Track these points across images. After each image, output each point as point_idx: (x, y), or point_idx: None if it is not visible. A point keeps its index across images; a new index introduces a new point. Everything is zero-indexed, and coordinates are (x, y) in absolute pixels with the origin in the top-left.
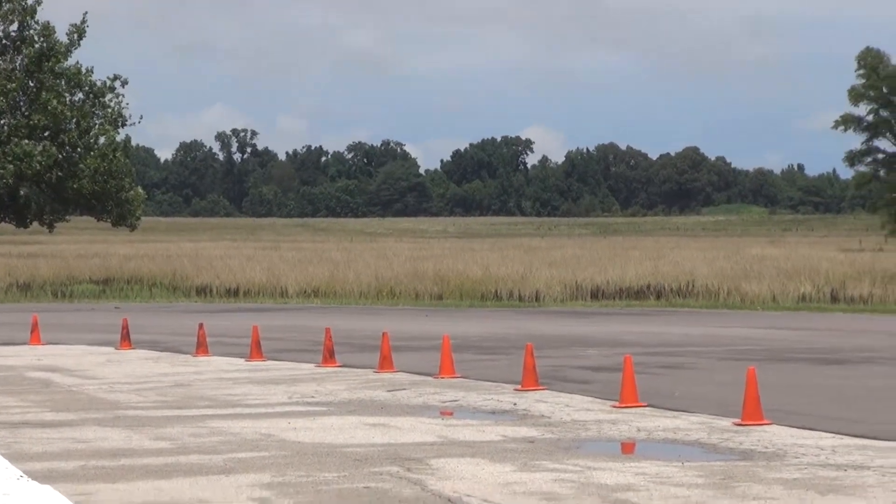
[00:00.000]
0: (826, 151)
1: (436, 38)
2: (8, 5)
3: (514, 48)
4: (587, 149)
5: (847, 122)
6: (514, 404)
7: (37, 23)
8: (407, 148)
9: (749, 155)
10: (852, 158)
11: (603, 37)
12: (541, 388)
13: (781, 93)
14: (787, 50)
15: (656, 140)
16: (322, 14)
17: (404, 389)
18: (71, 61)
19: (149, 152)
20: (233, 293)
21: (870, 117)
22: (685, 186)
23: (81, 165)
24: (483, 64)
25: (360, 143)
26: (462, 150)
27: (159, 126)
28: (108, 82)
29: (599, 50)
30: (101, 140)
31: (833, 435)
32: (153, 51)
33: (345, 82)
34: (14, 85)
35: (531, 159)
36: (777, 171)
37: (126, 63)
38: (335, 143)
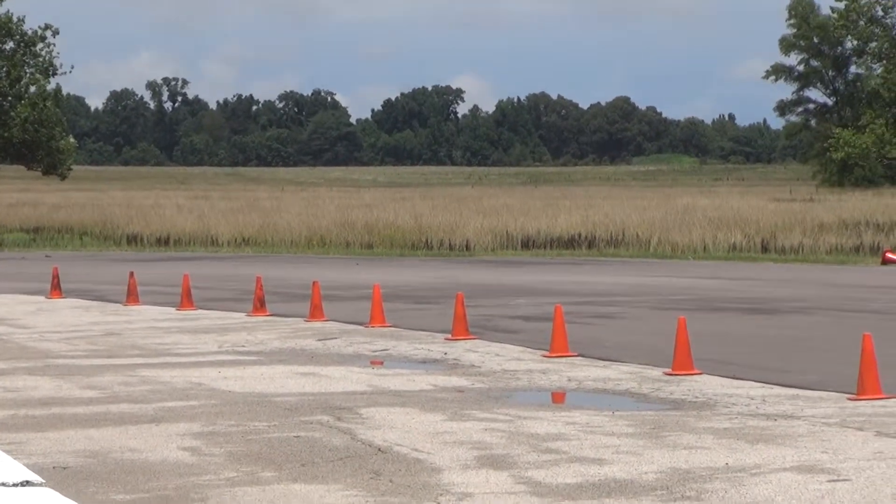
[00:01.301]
0: (757, 101)
1: None
2: None
3: None
4: (518, 98)
5: (778, 71)
6: (445, 354)
7: None
8: (338, 97)
9: (680, 105)
10: (783, 108)
11: None
12: (471, 337)
13: (712, 43)
14: None
15: (587, 90)
16: None
17: (335, 338)
18: (1, 10)
19: (79, 101)
20: (164, 242)
21: (800, 67)
22: (616, 136)
23: (12, 114)
24: (411, 10)
25: (291, 91)
26: (393, 99)
27: (89, 74)
28: (40, 31)
29: None
30: (32, 89)
31: (763, 385)
32: None
33: (271, 29)
34: None
35: (462, 108)
36: (708, 120)
37: (52, 10)
38: (265, 91)
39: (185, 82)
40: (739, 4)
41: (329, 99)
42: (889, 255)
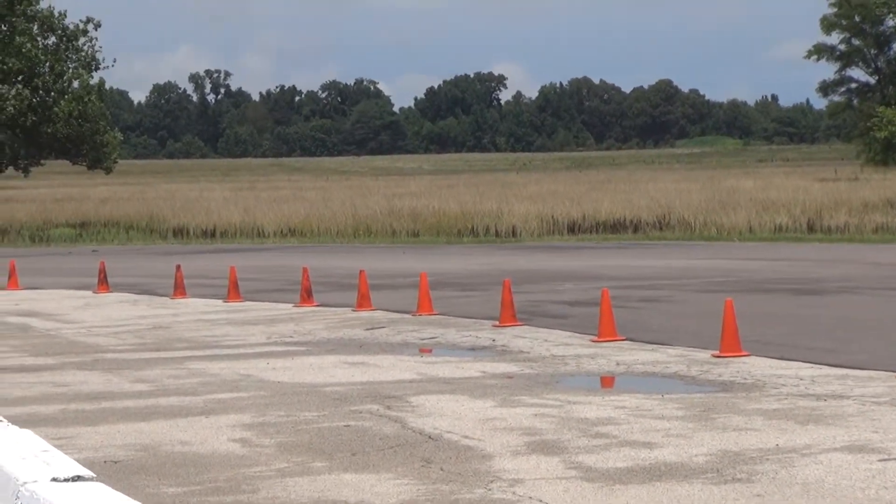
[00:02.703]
0: (799, 81)
1: None
2: None
3: None
4: (560, 83)
5: (820, 51)
6: (493, 340)
7: None
8: (380, 86)
9: (722, 87)
10: (826, 88)
11: None
12: (519, 323)
13: (753, 23)
14: None
15: (629, 73)
16: None
17: (383, 327)
18: (43, 4)
19: (122, 95)
20: (209, 234)
21: (842, 46)
22: (659, 119)
23: (56, 109)
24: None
25: (333, 81)
26: (435, 87)
27: (130, 68)
28: (82, 25)
29: None
30: (76, 84)
31: (812, 365)
32: None
33: (311, 19)
34: None
35: (504, 95)
36: (751, 102)
37: (91, 4)
38: (307, 82)
39: (227, 74)
40: None
41: (372, 88)
42: None
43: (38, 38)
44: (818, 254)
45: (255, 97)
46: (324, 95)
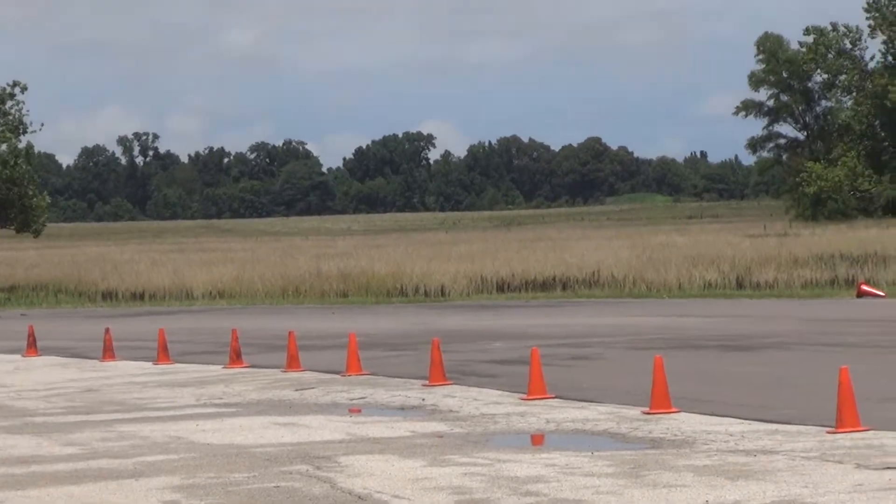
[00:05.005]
0: (728, 138)
1: (318, 34)
2: None
3: (400, 41)
4: (489, 142)
5: (748, 107)
6: (423, 400)
7: None
8: (309, 146)
9: (651, 144)
10: (754, 145)
11: (491, 27)
12: (449, 382)
13: (681, 80)
14: (683, 36)
15: (558, 131)
16: (200, 12)
17: (312, 388)
18: None
19: (50, 158)
20: (139, 297)
21: (770, 102)
22: (588, 177)
23: None
24: (372, 59)
25: (262, 142)
26: (364, 147)
27: (58, 130)
28: (8, 89)
29: (488, 41)
30: (3, 147)
31: (742, 421)
32: (39, 53)
33: (236, 82)
34: None
35: (433, 154)
36: (680, 159)
37: (16, 68)
38: (236, 143)
39: (155, 136)
40: (707, 42)
41: (300, 149)
42: (864, 287)
43: None
44: (748, 309)
45: (184, 159)
46: (252, 157)
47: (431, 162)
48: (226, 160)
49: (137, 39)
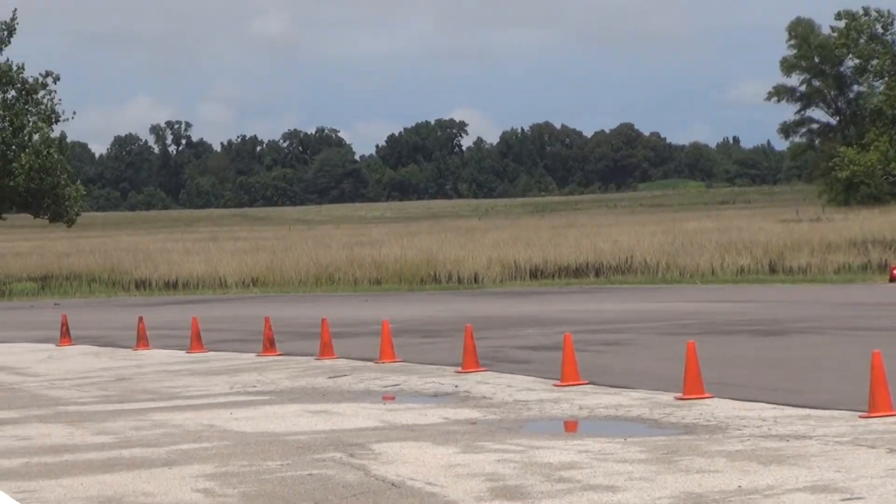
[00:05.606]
0: (760, 123)
1: (349, 22)
2: None
3: (431, 28)
4: (521, 129)
5: (780, 93)
6: (456, 386)
7: None
8: (341, 134)
9: (684, 129)
10: (787, 130)
11: (523, 13)
12: (482, 369)
13: (714, 66)
14: (715, 21)
15: (590, 118)
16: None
17: (345, 375)
18: (1, 59)
19: (83, 147)
20: (172, 286)
21: (802, 87)
22: (621, 163)
23: (16, 164)
24: (404, 46)
25: (294, 130)
26: (397, 134)
27: (90, 120)
28: (41, 79)
29: (520, 27)
30: (36, 137)
31: (774, 406)
32: (69, 42)
33: (267, 70)
34: None
35: (466, 141)
36: (712, 144)
37: (50, 57)
38: (268, 131)
39: (188, 125)
40: (739, 27)
41: (333, 136)
42: None
43: None
44: (781, 294)
45: (217, 147)
46: (285, 145)
47: (464, 149)
48: (258, 148)
49: (168, 28)
